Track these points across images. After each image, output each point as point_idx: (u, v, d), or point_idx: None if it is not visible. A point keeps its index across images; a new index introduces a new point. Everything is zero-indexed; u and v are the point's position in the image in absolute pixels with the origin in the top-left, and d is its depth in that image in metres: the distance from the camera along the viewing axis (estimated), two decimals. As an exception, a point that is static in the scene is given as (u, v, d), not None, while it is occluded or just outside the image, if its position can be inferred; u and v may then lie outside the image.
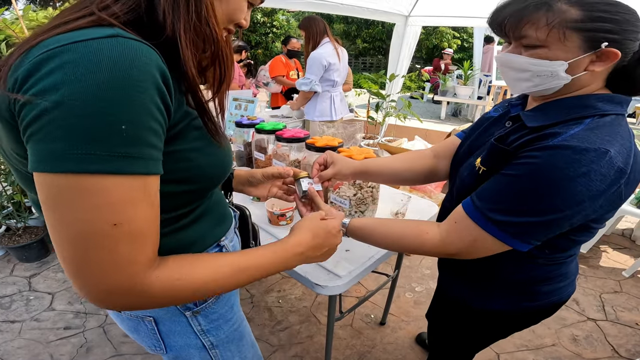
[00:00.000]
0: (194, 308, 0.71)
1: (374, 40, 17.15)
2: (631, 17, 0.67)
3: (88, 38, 0.42)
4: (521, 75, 0.74)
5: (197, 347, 0.75)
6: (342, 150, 1.18)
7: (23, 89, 0.41)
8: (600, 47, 0.66)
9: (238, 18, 0.61)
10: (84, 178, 0.41)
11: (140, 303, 0.50)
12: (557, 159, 0.64)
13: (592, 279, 2.44)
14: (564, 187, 0.64)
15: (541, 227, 0.69)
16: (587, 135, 0.65)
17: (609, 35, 0.65)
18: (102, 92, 0.40)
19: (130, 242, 0.45)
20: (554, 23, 0.66)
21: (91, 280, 0.45)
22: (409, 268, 2.49)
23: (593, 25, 0.66)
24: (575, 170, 0.63)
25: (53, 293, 2.19)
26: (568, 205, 0.65)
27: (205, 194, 0.66)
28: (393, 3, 4.14)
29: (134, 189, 0.44)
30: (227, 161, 0.65)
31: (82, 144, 0.40)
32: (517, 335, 1.94)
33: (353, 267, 1.08)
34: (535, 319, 0.99)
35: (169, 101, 0.48)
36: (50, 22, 0.49)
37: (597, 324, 2.05)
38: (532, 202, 0.68)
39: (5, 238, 2.44)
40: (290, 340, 1.87)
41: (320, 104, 2.85)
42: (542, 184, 0.66)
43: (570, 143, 0.64)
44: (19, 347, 1.80)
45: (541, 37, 0.68)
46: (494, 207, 0.71)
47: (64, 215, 0.42)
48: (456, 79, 7.52)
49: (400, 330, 1.96)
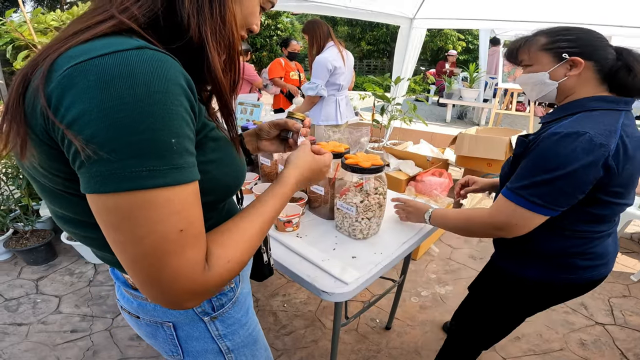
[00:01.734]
0: (212, 313, 0.72)
1: (378, 42, 17.13)
2: (584, 35, 0.98)
3: (114, 50, 0.42)
4: (527, 87, 1.08)
5: (213, 352, 0.75)
6: (349, 157, 1.18)
7: (62, 108, 0.41)
8: (564, 58, 0.98)
9: (251, 22, 0.62)
10: (148, 193, 0.42)
11: (208, 296, 0.52)
12: (550, 141, 0.91)
13: (601, 283, 2.41)
14: (559, 154, 0.88)
15: (555, 190, 0.90)
16: (571, 124, 0.91)
17: (568, 49, 0.97)
18: (146, 107, 0.41)
19: (194, 244, 0.47)
20: (532, 48, 1.03)
21: (167, 288, 0.47)
22: (414, 273, 2.48)
23: (554, 45, 0.99)
24: (564, 147, 0.88)
25: (60, 296, 2.20)
26: (563, 166, 0.87)
27: (218, 205, 0.66)
28: (398, 6, 4.14)
29: (189, 195, 0.46)
30: (242, 171, 0.66)
31: (141, 161, 0.41)
32: (524, 339, 1.93)
33: (360, 274, 1.08)
34: (569, 293, 1.14)
35: (195, 110, 0.49)
36: (72, 24, 0.49)
37: (606, 328, 2.03)
38: (540, 170, 0.91)
39: (13, 241, 2.46)
40: (295, 345, 1.87)
41: (326, 108, 2.85)
42: (544, 157, 0.91)
43: (557, 130, 0.91)
44: (26, 349, 1.81)
45: (527, 59, 1.05)
46: (518, 185, 0.95)
47: (133, 232, 0.43)
48: (461, 82, 7.49)
49: (405, 335, 1.96)
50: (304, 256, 1.16)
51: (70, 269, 2.47)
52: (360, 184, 1.18)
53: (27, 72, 0.46)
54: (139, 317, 0.72)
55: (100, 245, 0.58)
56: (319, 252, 1.18)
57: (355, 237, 1.26)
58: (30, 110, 0.44)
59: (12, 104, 0.46)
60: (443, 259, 2.66)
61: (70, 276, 2.39)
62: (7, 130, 0.46)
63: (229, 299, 0.74)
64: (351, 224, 1.23)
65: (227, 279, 0.52)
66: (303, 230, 1.32)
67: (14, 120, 0.45)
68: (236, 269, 0.54)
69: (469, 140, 3.27)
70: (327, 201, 1.35)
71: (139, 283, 0.47)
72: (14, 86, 0.47)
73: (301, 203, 1.35)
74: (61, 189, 0.50)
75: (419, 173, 3.17)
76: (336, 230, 1.32)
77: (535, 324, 2.04)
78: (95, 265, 2.50)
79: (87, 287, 2.28)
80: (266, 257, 0.93)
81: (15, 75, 0.48)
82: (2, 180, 2.36)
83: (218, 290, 0.53)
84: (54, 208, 0.56)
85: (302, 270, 1.10)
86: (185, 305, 0.50)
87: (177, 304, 0.49)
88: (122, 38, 0.45)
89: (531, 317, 2.04)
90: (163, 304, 0.49)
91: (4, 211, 2.45)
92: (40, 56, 0.46)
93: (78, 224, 0.56)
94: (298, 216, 1.28)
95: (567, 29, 1.00)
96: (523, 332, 1.98)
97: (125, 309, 0.74)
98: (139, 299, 0.70)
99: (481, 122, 6.94)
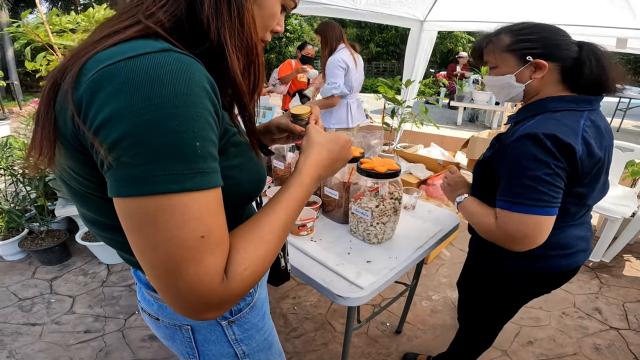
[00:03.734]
0: (229, 317, 0.72)
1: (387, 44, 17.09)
2: (548, 33, 0.97)
3: (140, 53, 0.42)
4: (495, 89, 1.09)
5: (229, 356, 0.75)
6: (364, 161, 1.18)
7: (92, 111, 0.41)
8: (528, 60, 0.97)
9: (272, 24, 0.61)
10: (170, 197, 0.42)
11: (230, 305, 0.50)
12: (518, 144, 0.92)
13: (615, 288, 2.39)
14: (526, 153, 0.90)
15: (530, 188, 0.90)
16: (535, 125, 0.92)
17: (532, 51, 0.96)
18: (171, 109, 0.41)
19: (214, 251, 0.46)
20: (497, 50, 1.02)
21: (184, 296, 0.45)
22: (425, 277, 2.46)
23: (518, 45, 0.98)
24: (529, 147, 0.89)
25: (74, 296, 2.23)
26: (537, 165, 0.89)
27: (239, 211, 0.66)
28: (408, 8, 4.12)
29: (211, 201, 0.46)
30: (263, 176, 0.65)
31: (164, 165, 0.41)
32: (536, 344, 1.92)
33: (375, 279, 1.08)
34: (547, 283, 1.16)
35: (219, 114, 0.49)
36: (100, 29, 0.50)
37: (620, 332, 2.02)
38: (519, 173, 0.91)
39: (28, 241, 2.50)
40: (305, 348, 1.87)
41: (337, 111, 2.84)
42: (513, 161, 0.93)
43: (522, 134, 0.92)
44: (39, 350, 1.83)
45: (494, 61, 1.04)
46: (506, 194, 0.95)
47: (154, 236, 0.43)
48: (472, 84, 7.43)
49: (416, 339, 1.94)
50: (319, 260, 1.16)
51: (84, 269, 2.50)
52: (376, 189, 1.18)
53: (57, 77, 0.46)
54: (159, 319, 0.73)
55: (124, 247, 0.59)
56: (333, 256, 1.18)
57: (369, 241, 1.25)
58: (61, 115, 0.45)
59: (43, 111, 0.46)
60: (454, 263, 2.64)
61: (84, 276, 2.42)
62: (40, 138, 0.47)
63: (247, 304, 0.74)
64: (366, 229, 1.23)
65: (248, 285, 0.51)
66: (317, 235, 1.32)
67: (45, 127, 0.46)
68: (255, 276, 0.51)
69: (482, 143, 3.24)
70: (341, 205, 1.35)
71: (158, 289, 0.46)
72: (44, 93, 0.47)
73: (315, 207, 1.35)
74: (91, 192, 0.51)
75: (430, 177, 3.16)
76: (350, 234, 1.32)
77: (548, 329, 2.02)
78: (108, 266, 2.53)
79: (100, 288, 2.30)
80: (284, 262, 0.93)
81: (45, 81, 0.49)
82: (18, 180, 2.40)
83: (241, 297, 0.51)
84: (84, 211, 0.57)
85: (318, 275, 1.10)
86: (203, 316, 0.48)
87: (194, 313, 0.48)
88: (148, 41, 0.46)
89: (544, 322, 2.03)
90: (180, 312, 0.48)
91: (19, 211, 2.49)
92: (69, 61, 0.46)
93: (105, 227, 0.57)
94: (312, 220, 1.28)
95: (529, 27, 1.00)
96: (535, 336, 1.96)
97: (146, 311, 0.75)
98: (159, 301, 0.71)
99: (493, 125, 6.87)
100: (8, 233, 2.53)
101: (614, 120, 8.04)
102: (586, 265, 2.65)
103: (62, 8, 14.83)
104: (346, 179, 1.29)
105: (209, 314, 0.49)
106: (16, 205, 2.50)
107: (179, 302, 0.46)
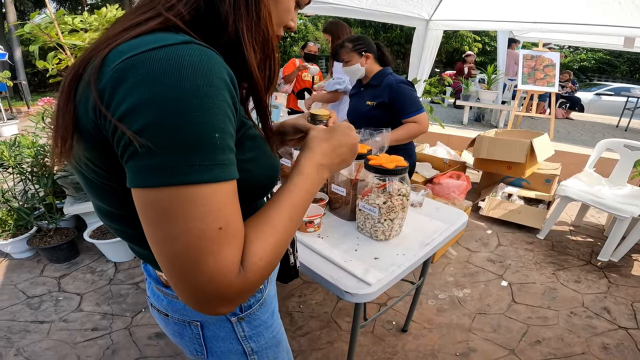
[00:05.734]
0: (239, 314, 0.72)
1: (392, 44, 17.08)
2: (366, 40, 2.05)
3: (163, 44, 0.43)
4: (351, 74, 2.12)
5: (238, 353, 0.75)
6: (372, 158, 1.18)
7: (114, 102, 0.42)
8: (363, 54, 2.01)
9: (286, 19, 0.62)
10: (188, 189, 0.42)
11: (245, 298, 0.50)
12: (402, 85, 1.99)
13: (624, 288, 2.37)
14: (407, 88, 2.03)
15: (418, 100, 2.11)
16: (396, 78, 2.03)
17: (363, 49, 2.02)
18: (192, 100, 0.41)
19: (231, 243, 0.46)
20: (347, 50, 2.02)
21: (202, 289, 0.45)
22: (431, 275, 2.45)
23: (356, 47, 2.01)
24: (405, 85, 2.02)
25: (82, 294, 2.24)
26: (413, 91, 2.09)
27: (252, 205, 0.66)
28: (414, 7, 4.12)
29: (229, 192, 0.46)
30: (277, 169, 0.65)
31: (184, 156, 0.41)
32: (544, 343, 1.90)
33: (383, 276, 1.07)
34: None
35: (237, 106, 0.49)
36: (120, 22, 0.50)
37: (629, 332, 2.00)
38: (414, 97, 2.06)
39: (37, 239, 2.52)
40: (310, 346, 1.87)
41: (343, 110, 2.85)
42: (410, 93, 2.02)
43: (398, 81, 2.00)
44: (47, 348, 1.84)
45: (347, 58, 2.03)
46: (411, 109, 2.04)
47: (173, 228, 0.43)
48: (478, 84, 7.39)
49: (422, 337, 1.94)
50: (326, 257, 1.16)
51: (91, 267, 2.52)
52: (383, 185, 1.17)
53: (79, 69, 0.47)
54: (168, 315, 0.73)
55: (137, 240, 0.59)
56: (341, 253, 1.18)
57: (377, 238, 1.25)
58: (82, 105, 0.46)
59: (63, 102, 0.47)
60: (461, 262, 2.63)
61: (92, 274, 2.43)
62: (59, 128, 0.47)
63: (256, 300, 0.74)
64: (373, 225, 1.23)
65: (263, 276, 0.51)
66: (324, 231, 1.32)
67: (65, 117, 0.47)
68: (269, 267, 0.52)
69: (488, 142, 3.22)
70: (348, 202, 1.35)
71: (173, 282, 0.46)
72: (64, 84, 0.48)
73: (322, 204, 1.35)
74: (107, 182, 0.51)
75: (436, 175, 3.15)
76: (357, 231, 1.32)
77: (556, 328, 2.00)
78: (115, 264, 2.55)
79: (108, 286, 2.32)
80: (292, 258, 0.93)
81: (66, 73, 0.49)
82: (27, 178, 2.42)
83: (256, 289, 0.52)
84: (98, 203, 0.57)
85: (325, 271, 1.10)
86: (218, 310, 0.48)
87: (210, 308, 0.47)
88: (169, 34, 0.46)
89: (552, 321, 2.02)
90: (196, 306, 0.47)
91: (28, 209, 2.51)
92: (91, 53, 0.47)
93: (119, 218, 0.57)
94: (320, 217, 1.28)
95: (358, 38, 2.05)
96: (543, 335, 1.95)
97: (155, 307, 0.75)
98: (169, 296, 0.71)
99: (500, 124, 6.83)
100: (17, 231, 2.55)
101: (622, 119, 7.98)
102: (595, 265, 2.63)
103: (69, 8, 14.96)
104: (353, 176, 1.29)
105: (225, 307, 0.48)
106: (25, 203, 2.53)
107: (196, 295, 0.46)
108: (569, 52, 20.96)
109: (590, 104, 10.49)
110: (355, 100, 2.24)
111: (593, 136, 6.77)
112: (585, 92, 11.12)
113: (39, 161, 2.38)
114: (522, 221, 3.09)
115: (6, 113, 7.37)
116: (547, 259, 2.70)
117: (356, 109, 2.18)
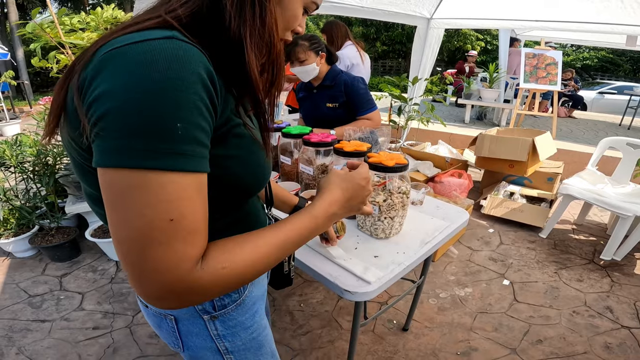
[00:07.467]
0: (212, 312, 0.71)
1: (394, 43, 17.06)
2: (319, 39, 2.04)
3: (146, 39, 0.45)
4: (303, 75, 2.04)
5: (211, 350, 0.75)
6: (372, 155, 1.17)
7: (91, 87, 0.44)
8: (319, 54, 2.00)
9: (293, 25, 0.62)
10: (143, 174, 0.43)
11: (194, 299, 0.50)
12: (355, 82, 2.08)
13: (627, 287, 2.35)
14: (360, 84, 2.13)
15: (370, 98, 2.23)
16: (349, 75, 2.09)
17: (319, 48, 2.00)
18: (158, 91, 0.43)
19: (184, 238, 0.46)
20: (304, 49, 1.95)
21: (148, 278, 0.46)
22: (432, 274, 2.45)
23: (312, 47, 1.97)
24: (359, 81, 2.13)
25: (83, 293, 2.25)
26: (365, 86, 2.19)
27: (237, 204, 0.66)
28: (415, 6, 4.11)
29: (189, 186, 0.46)
30: (265, 173, 0.65)
31: (141, 141, 0.42)
32: (546, 342, 1.89)
33: (383, 274, 1.07)
34: None
35: (216, 103, 0.50)
36: (126, 22, 0.53)
37: (631, 331, 1.99)
38: (366, 93, 2.14)
39: (38, 238, 2.53)
40: (311, 345, 1.87)
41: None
42: (362, 89, 2.12)
43: (352, 79, 2.07)
44: (48, 346, 1.84)
45: (304, 57, 1.97)
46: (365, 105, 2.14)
47: (125, 212, 0.44)
48: (480, 82, 7.37)
49: (423, 336, 1.93)
50: (325, 255, 1.15)
51: (93, 266, 2.52)
52: (383, 183, 1.17)
53: (75, 62, 0.50)
54: (147, 306, 0.73)
55: None
56: (340, 251, 1.17)
57: (377, 236, 1.25)
58: (70, 90, 0.49)
59: (58, 87, 0.51)
60: (462, 261, 2.62)
61: (93, 273, 2.44)
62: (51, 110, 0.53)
63: (232, 300, 0.72)
64: (373, 223, 1.22)
65: (221, 285, 0.50)
66: (324, 230, 1.31)
67: (56, 100, 0.50)
68: (232, 279, 0.51)
69: (490, 141, 3.21)
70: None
71: (124, 267, 0.46)
72: (63, 74, 0.52)
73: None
74: (88, 164, 0.52)
75: (437, 174, 3.14)
76: (357, 229, 1.31)
77: (559, 327, 2.00)
78: (117, 262, 2.55)
79: (109, 284, 2.32)
80: (287, 266, 0.93)
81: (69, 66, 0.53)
82: (29, 177, 2.43)
83: (210, 295, 0.51)
84: (84, 185, 0.59)
85: (324, 269, 1.09)
86: (164, 302, 0.48)
87: (155, 298, 0.47)
88: (157, 30, 0.48)
89: (554, 320, 2.02)
90: (142, 294, 0.47)
91: (30, 208, 2.52)
92: (90, 48, 0.49)
93: (98, 201, 0.57)
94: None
95: (312, 37, 2.00)
96: (545, 335, 1.94)
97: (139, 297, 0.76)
98: None
99: (501, 123, 6.80)
100: (19, 230, 2.56)
101: (625, 117, 7.94)
102: (597, 264, 2.61)
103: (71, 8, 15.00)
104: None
105: (172, 302, 0.48)
106: (27, 202, 2.54)
107: (141, 282, 0.46)
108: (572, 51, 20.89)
109: (593, 103, 10.46)
110: (309, 104, 2.19)
111: (596, 134, 6.74)
112: (588, 90, 11.09)
113: (41, 160, 2.38)
114: (524, 220, 3.08)
115: (9, 113, 7.41)
116: (550, 258, 2.69)
117: (315, 112, 2.15)
